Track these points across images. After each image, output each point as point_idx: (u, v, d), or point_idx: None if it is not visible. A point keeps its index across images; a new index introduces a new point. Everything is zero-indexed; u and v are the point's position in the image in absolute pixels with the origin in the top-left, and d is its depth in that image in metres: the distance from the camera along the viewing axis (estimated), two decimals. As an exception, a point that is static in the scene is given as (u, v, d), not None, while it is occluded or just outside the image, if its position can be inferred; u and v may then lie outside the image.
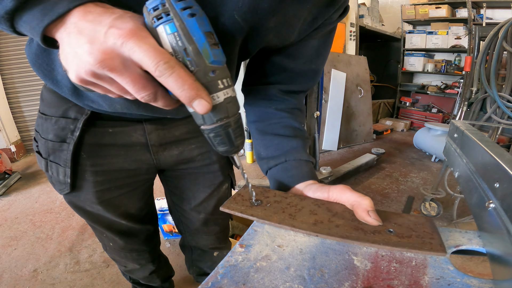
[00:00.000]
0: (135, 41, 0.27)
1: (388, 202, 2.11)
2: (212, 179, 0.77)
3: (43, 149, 0.59)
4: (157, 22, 0.29)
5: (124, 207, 0.69)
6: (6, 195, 2.26)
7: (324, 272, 0.32)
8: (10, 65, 3.09)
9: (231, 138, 0.35)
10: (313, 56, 0.58)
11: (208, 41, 0.30)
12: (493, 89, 2.21)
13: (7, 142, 3.01)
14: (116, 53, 0.28)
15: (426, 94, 4.17)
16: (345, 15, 0.55)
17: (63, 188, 0.61)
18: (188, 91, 0.29)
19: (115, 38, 0.27)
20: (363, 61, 3.48)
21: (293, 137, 0.57)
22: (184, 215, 0.84)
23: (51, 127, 0.56)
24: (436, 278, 0.31)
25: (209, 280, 0.31)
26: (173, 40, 0.29)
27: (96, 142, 0.59)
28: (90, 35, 0.28)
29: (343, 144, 3.34)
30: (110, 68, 0.28)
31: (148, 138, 0.63)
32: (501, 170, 0.32)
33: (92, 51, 0.27)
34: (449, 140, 0.65)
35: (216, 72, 0.31)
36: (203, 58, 0.30)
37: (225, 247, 0.95)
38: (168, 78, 0.28)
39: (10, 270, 1.45)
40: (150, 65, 0.28)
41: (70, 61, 0.29)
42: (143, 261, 0.85)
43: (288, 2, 0.44)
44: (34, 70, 0.51)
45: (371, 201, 0.41)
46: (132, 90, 0.30)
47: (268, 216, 0.42)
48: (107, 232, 0.72)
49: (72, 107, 0.55)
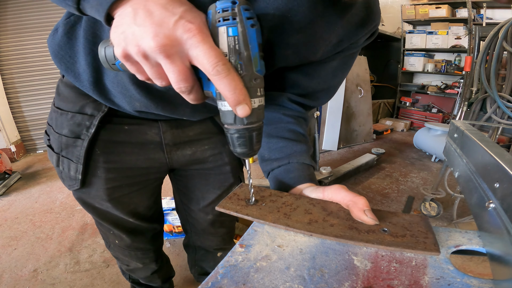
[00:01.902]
0: (200, 38, 0.29)
1: (388, 202, 2.11)
2: (222, 180, 0.77)
3: (55, 143, 0.59)
4: (222, 23, 0.31)
5: (133, 205, 0.70)
6: (6, 195, 2.26)
7: (324, 272, 0.32)
8: (10, 65, 3.09)
9: (253, 142, 0.37)
10: (329, 77, 0.58)
11: (259, 52, 0.33)
12: (493, 89, 2.21)
13: (7, 142, 3.01)
14: (179, 43, 0.29)
15: (426, 94, 4.17)
16: (372, 39, 0.54)
17: (73, 184, 0.61)
18: (238, 95, 0.31)
19: (184, 30, 0.29)
20: (363, 61, 3.47)
21: (298, 142, 0.58)
22: (191, 215, 0.84)
23: (66, 122, 0.56)
24: (436, 278, 0.31)
25: (209, 280, 0.31)
26: (232, 42, 0.31)
27: (111, 139, 0.59)
28: (159, 19, 0.29)
29: (343, 144, 3.34)
30: (166, 55, 0.29)
31: (162, 137, 0.63)
32: (501, 170, 0.32)
33: (157, 34, 0.28)
34: (449, 140, 0.65)
35: (257, 80, 0.34)
36: (252, 66, 0.33)
37: (230, 248, 0.94)
38: (223, 79, 0.30)
39: (10, 270, 1.45)
40: (208, 63, 0.29)
41: (125, 36, 0.30)
42: (147, 260, 0.85)
43: (318, 23, 0.43)
44: (55, 63, 0.51)
45: (366, 200, 0.42)
46: (175, 79, 0.31)
47: (263, 215, 0.42)
48: (115, 229, 0.72)
49: (90, 103, 0.55)
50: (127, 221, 0.71)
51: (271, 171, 0.57)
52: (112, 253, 0.84)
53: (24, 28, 3.04)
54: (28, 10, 3.02)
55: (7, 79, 3.12)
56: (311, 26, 0.43)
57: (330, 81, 0.59)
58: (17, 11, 3.00)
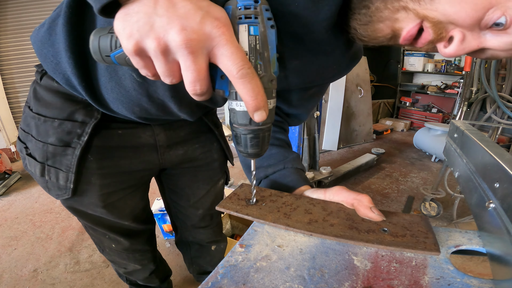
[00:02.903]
0: (229, 36, 0.28)
1: (388, 202, 2.11)
2: (211, 176, 0.79)
3: (38, 152, 0.54)
4: (244, 20, 0.30)
5: (128, 208, 0.69)
6: (6, 195, 2.26)
7: (324, 272, 0.32)
8: (10, 65, 3.09)
9: (264, 142, 0.37)
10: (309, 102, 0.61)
11: (276, 54, 0.33)
12: (493, 89, 2.21)
13: (7, 142, 3.01)
14: (206, 40, 0.27)
15: (426, 94, 4.16)
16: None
17: (62, 193, 0.57)
18: (259, 101, 0.30)
19: (213, 27, 0.27)
20: (363, 61, 3.47)
21: (287, 149, 0.60)
22: (181, 211, 0.85)
23: (52, 130, 0.52)
24: (436, 278, 0.31)
25: (209, 280, 0.31)
26: (253, 42, 0.31)
27: (105, 145, 0.57)
28: (185, 11, 0.26)
29: (343, 144, 3.34)
30: (191, 51, 0.27)
31: (156, 139, 0.63)
32: (501, 170, 0.32)
33: (185, 28, 0.26)
34: (449, 140, 0.65)
35: (273, 82, 0.34)
36: (270, 67, 0.33)
37: (221, 240, 0.97)
38: (247, 84, 0.29)
39: (10, 270, 1.45)
40: (233, 64, 0.28)
41: (140, 26, 0.26)
42: (146, 261, 0.85)
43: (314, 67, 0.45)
44: (41, 62, 0.47)
45: (370, 198, 0.42)
46: (192, 78, 0.28)
47: (263, 215, 0.42)
48: (110, 233, 0.71)
49: (80, 109, 0.52)
50: (123, 224, 0.71)
51: (264, 178, 0.57)
52: (107, 257, 0.82)
53: (24, 28, 3.04)
54: (28, 10, 3.02)
55: (7, 79, 3.11)
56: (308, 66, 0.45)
57: (310, 105, 0.63)
58: (17, 11, 3.00)
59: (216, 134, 0.75)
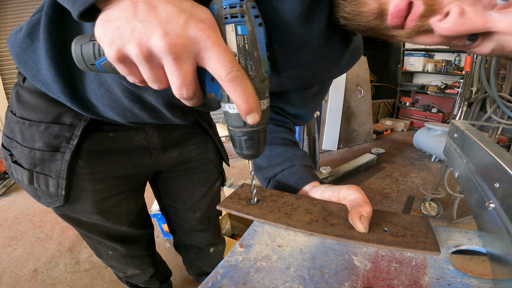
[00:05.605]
0: (215, 39, 0.26)
1: (388, 202, 2.10)
2: (208, 177, 0.78)
3: (25, 159, 0.51)
4: (230, 20, 0.29)
5: (124, 213, 0.67)
6: (6, 195, 2.26)
7: (324, 272, 0.32)
8: (10, 65, 3.09)
9: (260, 144, 0.37)
10: (312, 101, 0.60)
11: (266, 52, 0.32)
12: (493, 89, 2.21)
13: (7, 142, 3.01)
14: (191, 44, 0.26)
15: (426, 94, 4.16)
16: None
17: (53, 201, 0.54)
18: (251, 104, 0.29)
19: (198, 29, 0.26)
20: (363, 61, 3.47)
21: (294, 147, 0.59)
22: (178, 215, 0.84)
23: (38, 134, 0.49)
24: (436, 278, 0.31)
25: (209, 280, 0.31)
26: (241, 42, 0.30)
27: (95, 149, 0.54)
28: (166, 15, 0.25)
29: (343, 144, 3.34)
30: (175, 56, 0.26)
31: (150, 141, 0.61)
32: (501, 170, 0.32)
33: (168, 33, 0.25)
34: (449, 140, 0.65)
35: (265, 81, 0.33)
36: (261, 67, 0.31)
37: (220, 242, 0.96)
38: (237, 87, 0.28)
39: (10, 270, 1.45)
40: (221, 68, 0.27)
41: (121, 33, 0.25)
42: (145, 266, 0.83)
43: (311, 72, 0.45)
44: (19, 68, 0.45)
45: (371, 209, 0.40)
46: (178, 83, 0.27)
47: (264, 214, 0.42)
48: (106, 240, 0.69)
49: (67, 112, 0.50)
50: (120, 230, 0.68)
51: (273, 177, 0.56)
52: (106, 263, 0.80)
53: (24, 28, 3.05)
54: (28, 10, 3.02)
55: (7, 79, 3.12)
56: (314, 65, 0.44)
57: (315, 105, 0.62)
58: (17, 11, 3.00)
59: (210, 134, 0.74)
